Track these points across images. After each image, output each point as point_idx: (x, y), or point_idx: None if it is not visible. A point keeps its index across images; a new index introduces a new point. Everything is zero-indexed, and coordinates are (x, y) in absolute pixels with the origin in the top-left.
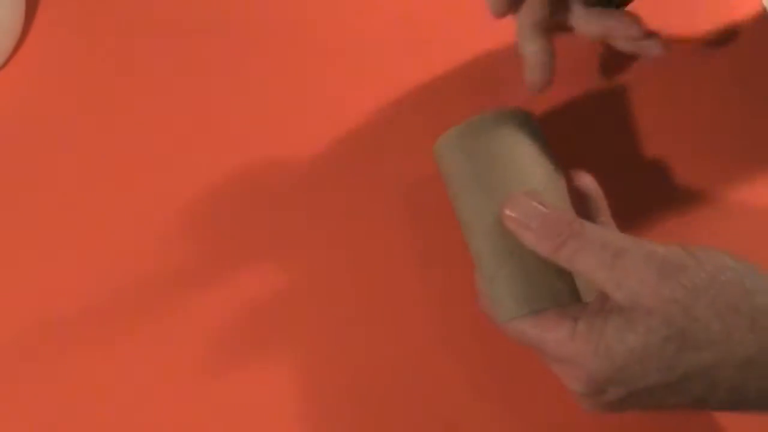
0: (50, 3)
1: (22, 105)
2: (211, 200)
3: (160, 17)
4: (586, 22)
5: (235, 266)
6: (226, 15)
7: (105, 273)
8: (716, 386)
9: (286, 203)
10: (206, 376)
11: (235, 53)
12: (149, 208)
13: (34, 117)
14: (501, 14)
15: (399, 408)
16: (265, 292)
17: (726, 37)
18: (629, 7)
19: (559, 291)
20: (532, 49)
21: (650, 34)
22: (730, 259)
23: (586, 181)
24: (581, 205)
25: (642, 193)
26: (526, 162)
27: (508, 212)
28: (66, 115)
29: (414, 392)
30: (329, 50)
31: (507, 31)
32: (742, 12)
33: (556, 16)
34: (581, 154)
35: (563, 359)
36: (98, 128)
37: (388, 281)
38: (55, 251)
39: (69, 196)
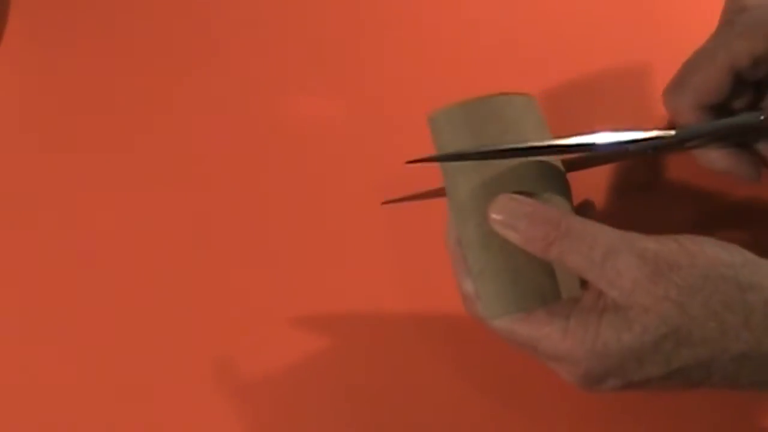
0: (20, 12)
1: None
2: (197, 197)
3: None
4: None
5: (220, 270)
6: (206, 13)
7: (97, 275)
8: (711, 375)
9: (273, 203)
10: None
11: (213, 51)
12: (138, 211)
13: (15, 120)
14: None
15: (385, 414)
16: (243, 293)
17: None
18: None
19: (548, 288)
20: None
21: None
22: (723, 251)
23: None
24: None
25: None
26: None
27: (494, 216)
28: (47, 117)
29: (397, 394)
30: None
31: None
32: None
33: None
34: None
35: (557, 357)
36: (78, 131)
37: (366, 285)
38: (43, 255)
39: (49, 199)
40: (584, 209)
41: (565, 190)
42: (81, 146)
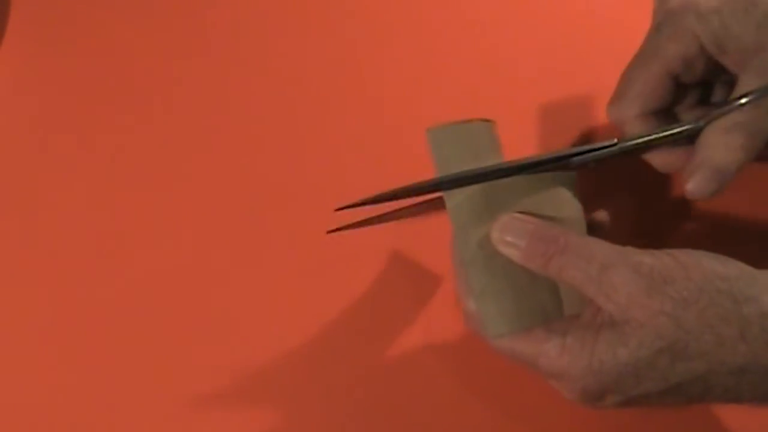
0: (20, 12)
1: None
2: (197, 197)
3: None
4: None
5: (220, 271)
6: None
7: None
8: (711, 389)
9: (276, 205)
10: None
11: (214, 53)
12: (138, 210)
13: (15, 120)
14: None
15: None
16: (244, 294)
17: None
18: None
19: (551, 306)
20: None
21: None
22: (719, 264)
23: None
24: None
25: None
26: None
27: (497, 235)
28: (47, 117)
29: (398, 401)
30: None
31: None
32: None
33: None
34: None
35: (556, 374)
36: (79, 131)
37: (370, 291)
38: (43, 254)
39: (50, 199)
40: (597, 219)
41: (572, 199)
42: (82, 146)
